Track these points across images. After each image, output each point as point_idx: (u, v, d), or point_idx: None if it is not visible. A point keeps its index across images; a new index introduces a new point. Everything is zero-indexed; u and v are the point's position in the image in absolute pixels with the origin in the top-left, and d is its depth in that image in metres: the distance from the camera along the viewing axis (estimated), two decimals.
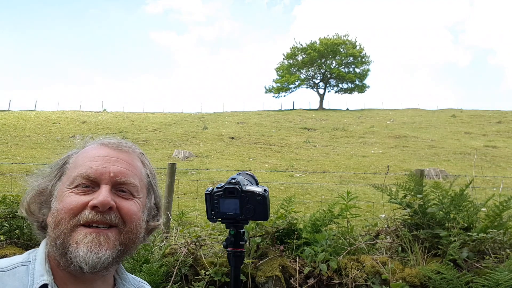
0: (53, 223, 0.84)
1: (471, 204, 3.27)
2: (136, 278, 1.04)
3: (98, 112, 35.46)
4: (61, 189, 0.88)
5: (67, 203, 0.84)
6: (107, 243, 0.83)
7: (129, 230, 0.87)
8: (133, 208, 0.89)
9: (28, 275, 0.82)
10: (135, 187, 0.91)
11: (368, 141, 20.88)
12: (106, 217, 0.84)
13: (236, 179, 1.07)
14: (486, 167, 14.00)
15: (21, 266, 0.83)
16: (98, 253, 0.81)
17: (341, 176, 12.02)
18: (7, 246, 3.13)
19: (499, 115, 31.11)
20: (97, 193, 0.85)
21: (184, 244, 3.18)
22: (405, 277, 2.89)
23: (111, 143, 0.94)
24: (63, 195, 0.86)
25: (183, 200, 7.79)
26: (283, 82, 47.18)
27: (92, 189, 0.86)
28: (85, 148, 0.95)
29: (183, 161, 14.84)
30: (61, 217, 0.83)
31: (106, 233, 0.84)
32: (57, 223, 0.83)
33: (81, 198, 0.84)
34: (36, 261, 0.85)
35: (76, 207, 0.83)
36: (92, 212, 0.83)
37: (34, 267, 0.84)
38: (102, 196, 0.83)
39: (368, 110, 40.03)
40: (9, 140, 18.73)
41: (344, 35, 47.00)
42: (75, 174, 0.87)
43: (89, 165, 0.88)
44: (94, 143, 0.96)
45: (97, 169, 0.87)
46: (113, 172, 0.87)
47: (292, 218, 3.30)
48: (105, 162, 0.88)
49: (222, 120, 29.80)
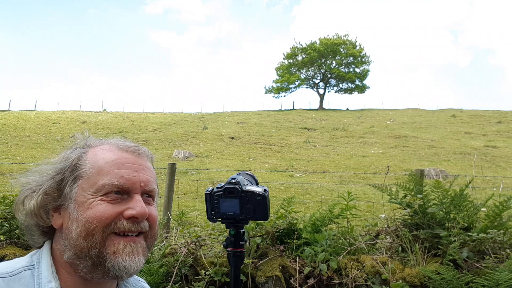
0: (84, 231, 0.82)
1: (471, 204, 3.27)
2: (135, 277, 1.04)
3: (98, 112, 35.46)
4: (83, 195, 0.85)
5: (99, 212, 0.82)
6: (142, 251, 0.87)
7: (153, 235, 0.91)
8: (156, 213, 0.92)
9: (33, 280, 0.80)
10: (156, 193, 0.94)
11: (368, 141, 20.88)
12: (141, 226, 0.86)
13: (236, 179, 1.07)
14: (486, 167, 14.00)
15: (26, 271, 0.82)
16: (138, 262, 0.84)
17: (341, 176, 12.01)
18: (7, 246, 3.13)
19: (499, 115, 31.11)
20: (131, 202, 0.86)
21: (184, 244, 3.18)
22: (405, 277, 2.89)
23: (130, 147, 0.92)
24: (90, 202, 0.83)
25: (183, 200, 7.79)
26: (283, 82, 47.19)
27: (122, 197, 0.86)
28: (96, 149, 0.91)
29: (183, 161, 14.85)
30: (94, 227, 0.82)
31: (139, 241, 0.87)
32: (89, 232, 0.81)
33: (114, 208, 0.84)
34: (41, 264, 0.84)
35: (111, 216, 0.83)
36: (129, 223, 0.84)
37: (39, 272, 0.82)
38: (142, 208, 0.85)
39: (368, 110, 40.03)
40: (9, 140, 18.72)
41: (344, 35, 47.04)
42: (105, 183, 0.84)
43: (119, 174, 0.86)
44: (106, 143, 0.93)
45: (129, 179, 0.86)
46: (143, 181, 0.88)
47: (292, 218, 3.30)
48: (134, 170, 0.88)
49: (222, 120, 29.80)
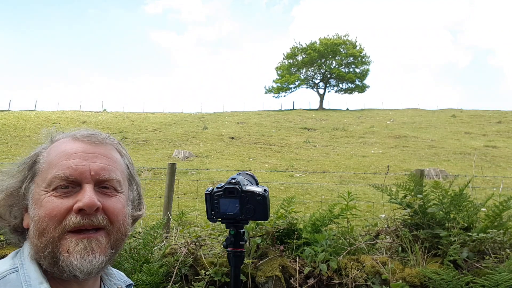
0: (37, 231, 0.78)
1: (471, 204, 3.26)
2: (119, 272, 1.02)
3: (98, 112, 35.46)
4: (37, 192, 0.81)
5: (49, 209, 0.77)
6: (99, 248, 0.79)
7: (118, 230, 0.83)
8: (118, 206, 0.84)
9: (20, 283, 0.76)
10: (118, 182, 0.86)
11: (368, 141, 20.88)
12: (93, 220, 0.79)
13: (236, 179, 1.07)
14: (486, 167, 14.00)
15: (11, 274, 0.77)
16: (92, 260, 0.78)
17: (341, 176, 12.01)
18: (7, 246, 3.13)
19: (499, 115, 31.11)
20: (80, 194, 0.79)
21: (184, 244, 3.18)
22: (405, 277, 2.89)
23: (85, 136, 0.87)
24: (41, 199, 0.79)
25: (183, 200, 7.79)
26: (283, 82, 47.18)
27: (72, 190, 0.80)
28: (55, 143, 0.87)
29: (183, 161, 14.84)
30: (46, 225, 0.77)
31: (96, 237, 0.79)
32: (41, 231, 0.77)
33: (63, 202, 0.78)
34: (25, 266, 0.79)
35: (60, 212, 0.77)
36: (78, 216, 0.77)
37: (25, 274, 0.78)
38: (88, 198, 0.77)
39: (368, 110, 40.02)
40: (9, 140, 18.72)
41: (344, 35, 47.03)
42: (52, 176, 0.79)
43: (66, 164, 0.80)
44: (65, 136, 0.88)
45: (76, 168, 0.80)
46: (93, 169, 0.81)
47: (292, 218, 3.30)
48: (84, 159, 0.82)
49: (222, 120, 29.79)
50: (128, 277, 1.04)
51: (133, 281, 1.04)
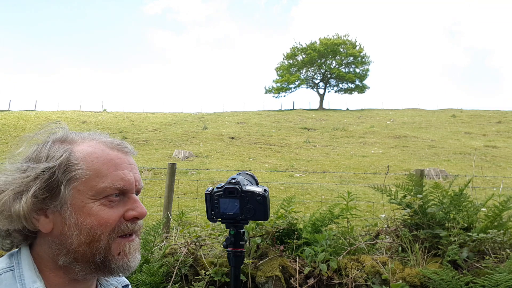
0: (88, 239, 0.80)
1: (471, 204, 3.27)
2: None
3: (98, 112, 35.45)
4: (79, 198, 0.81)
5: (104, 219, 0.81)
6: (139, 248, 0.89)
7: (141, 232, 0.92)
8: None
9: (15, 281, 0.78)
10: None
11: (368, 141, 20.88)
12: (139, 225, 0.88)
13: (236, 179, 1.07)
14: (486, 167, 14.00)
15: (6, 272, 0.79)
16: (137, 259, 0.87)
17: (341, 176, 12.01)
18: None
19: (499, 115, 31.11)
20: (128, 203, 0.86)
21: (184, 244, 3.18)
22: (405, 277, 2.89)
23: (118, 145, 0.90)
24: (90, 207, 0.80)
25: (183, 200, 7.79)
26: (283, 82, 47.18)
27: (121, 198, 0.85)
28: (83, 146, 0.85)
29: (183, 161, 14.84)
30: (100, 233, 0.81)
31: (136, 239, 0.88)
32: (95, 239, 0.81)
33: (114, 211, 0.83)
34: (21, 266, 0.81)
35: (115, 221, 0.83)
36: (132, 224, 0.86)
37: (20, 273, 0.80)
38: (142, 208, 0.87)
39: (368, 110, 40.02)
40: (9, 140, 18.73)
41: (344, 35, 47.03)
42: (105, 186, 0.82)
43: (119, 175, 0.84)
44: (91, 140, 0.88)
45: (128, 180, 0.85)
46: (137, 181, 0.88)
47: (292, 218, 3.30)
48: (129, 170, 0.87)
49: (222, 120, 29.79)
50: (126, 277, 1.05)
51: (133, 281, 1.05)
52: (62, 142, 0.86)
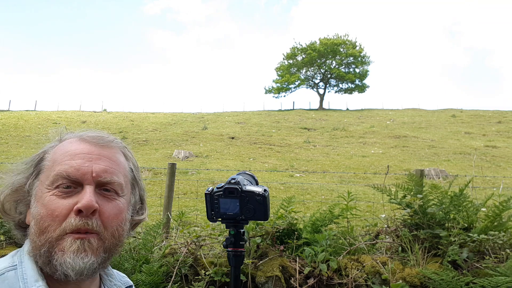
0: (38, 229, 0.78)
1: (471, 204, 3.27)
2: (120, 273, 1.02)
3: (98, 112, 35.45)
4: (40, 189, 0.82)
5: (51, 209, 0.78)
6: (91, 250, 0.79)
7: (112, 235, 0.83)
8: (114, 211, 0.84)
9: (18, 280, 0.77)
10: (119, 186, 0.86)
11: (368, 141, 20.88)
12: (88, 223, 0.79)
13: (236, 179, 1.07)
14: (486, 167, 13.99)
15: (9, 272, 0.78)
16: (84, 259, 0.78)
17: (341, 176, 12.01)
18: (7, 246, 3.13)
19: (499, 115, 31.11)
20: (80, 195, 0.80)
21: (184, 244, 3.18)
22: (405, 277, 2.89)
23: (92, 137, 0.87)
24: (44, 197, 0.80)
25: (183, 200, 7.79)
26: (283, 82, 47.18)
27: (74, 190, 0.81)
28: (63, 142, 0.89)
29: (183, 161, 14.84)
30: (47, 225, 0.78)
31: (88, 239, 0.80)
32: (42, 230, 0.78)
33: (64, 202, 0.79)
34: (23, 264, 0.80)
35: (61, 213, 0.78)
36: (77, 219, 0.78)
37: (23, 271, 0.79)
38: (86, 199, 0.78)
39: (368, 110, 40.01)
40: (9, 140, 18.72)
41: (344, 35, 47.03)
42: (55, 173, 0.81)
43: (70, 164, 0.81)
44: (72, 137, 0.90)
45: (79, 168, 0.81)
46: (95, 171, 0.82)
47: (292, 218, 3.30)
48: (87, 160, 0.82)
49: (222, 120, 29.79)
50: (128, 278, 1.04)
51: (133, 281, 1.04)
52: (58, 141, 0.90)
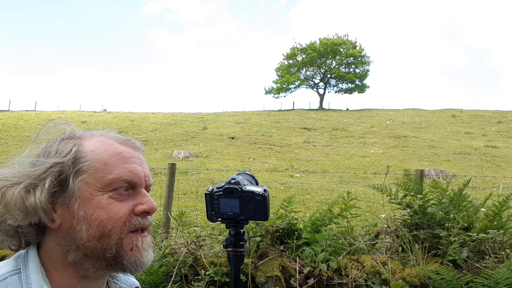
0: (98, 233, 0.78)
1: (471, 204, 3.27)
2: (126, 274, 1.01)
3: (98, 112, 35.45)
4: (87, 191, 0.80)
5: (114, 212, 0.80)
6: (151, 245, 0.87)
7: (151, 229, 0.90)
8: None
9: (21, 285, 0.75)
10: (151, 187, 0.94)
11: (368, 141, 20.88)
12: (150, 221, 0.86)
13: (236, 179, 1.07)
14: (486, 167, 14.00)
15: (13, 276, 0.76)
16: (150, 256, 0.85)
17: (341, 176, 12.02)
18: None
19: (499, 115, 31.11)
20: (138, 197, 0.84)
21: (184, 244, 3.18)
22: (405, 277, 2.89)
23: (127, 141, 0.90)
24: (98, 200, 0.79)
25: (183, 200, 7.79)
26: (283, 82, 47.17)
27: (129, 192, 0.84)
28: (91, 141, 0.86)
29: (183, 161, 14.84)
30: (111, 227, 0.79)
31: (148, 236, 0.86)
32: (106, 233, 0.79)
33: (124, 204, 0.82)
34: (28, 268, 0.78)
35: (125, 215, 0.81)
36: (143, 219, 0.84)
37: (27, 276, 0.77)
38: (151, 202, 0.85)
39: (368, 110, 40.01)
40: (9, 140, 18.72)
41: (344, 35, 47.04)
42: (113, 177, 0.81)
43: (128, 168, 0.83)
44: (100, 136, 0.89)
45: (137, 173, 0.84)
46: (146, 175, 0.87)
47: (292, 217, 3.30)
48: (138, 164, 0.86)
49: (222, 120, 29.79)
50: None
51: None
52: (71, 138, 0.87)
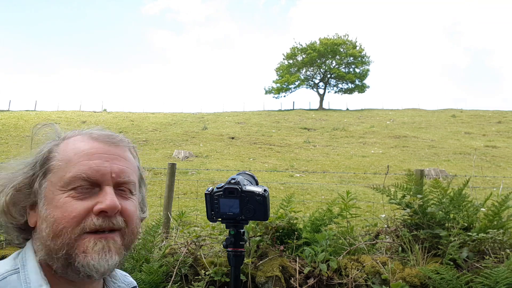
0: (52, 233, 0.75)
1: (471, 204, 3.27)
2: (122, 272, 0.99)
3: (98, 112, 35.45)
4: (51, 190, 0.78)
5: (68, 211, 0.75)
6: (115, 248, 0.79)
7: (131, 232, 0.83)
8: (133, 208, 0.84)
9: (21, 284, 0.74)
10: (134, 185, 0.86)
11: (368, 141, 20.88)
12: (113, 222, 0.78)
13: (236, 179, 1.07)
14: (486, 167, 13.99)
15: (12, 275, 0.75)
16: (109, 260, 0.77)
17: (341, 176, 12.01)
18: (7, 246, 3.13)
19: (499, 115, 31.11)
20: (100, 195, 0.78)
21: (184, 244, 3.18)
22: (405, 277, 2.89)
23: (103, 136, 0.85)
24: (57, 199, 0.77)
25: (183, 200, 7.79)
26: (283, 82, 47.16)
27: (91, 190, 0.78)
28: (69, 140, 0.85)
29: (183, 161, 14.84)
30: (62, 227, 0.75)
31: (113, 238, 0.79)
32: (57, 233, 0.75)
33: (83, 204, 0.77)
34: (27, 267, 0.77)
35: (79, 214, 0.75)
36: (99, 219, 0.76)
37: (26, 275, 0.76)
38: (110, 200, 0.77)
39: (368, 110, 40.00)
40: (9, 140, 18.72)
41: (344, 35, 47.04)
42: (72, 175, 0.77)
43: (88, 164, 0.78)
44: (79, 134, 0.86)
45: (98, 169, 0.78)
46: (114, 172, 0.80)
47: (292, 217, 3.30)
48: (105, 160, 0.80)
49: (222, 120, 29.79)
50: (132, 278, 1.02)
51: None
52: (57, 139, 0.86)
